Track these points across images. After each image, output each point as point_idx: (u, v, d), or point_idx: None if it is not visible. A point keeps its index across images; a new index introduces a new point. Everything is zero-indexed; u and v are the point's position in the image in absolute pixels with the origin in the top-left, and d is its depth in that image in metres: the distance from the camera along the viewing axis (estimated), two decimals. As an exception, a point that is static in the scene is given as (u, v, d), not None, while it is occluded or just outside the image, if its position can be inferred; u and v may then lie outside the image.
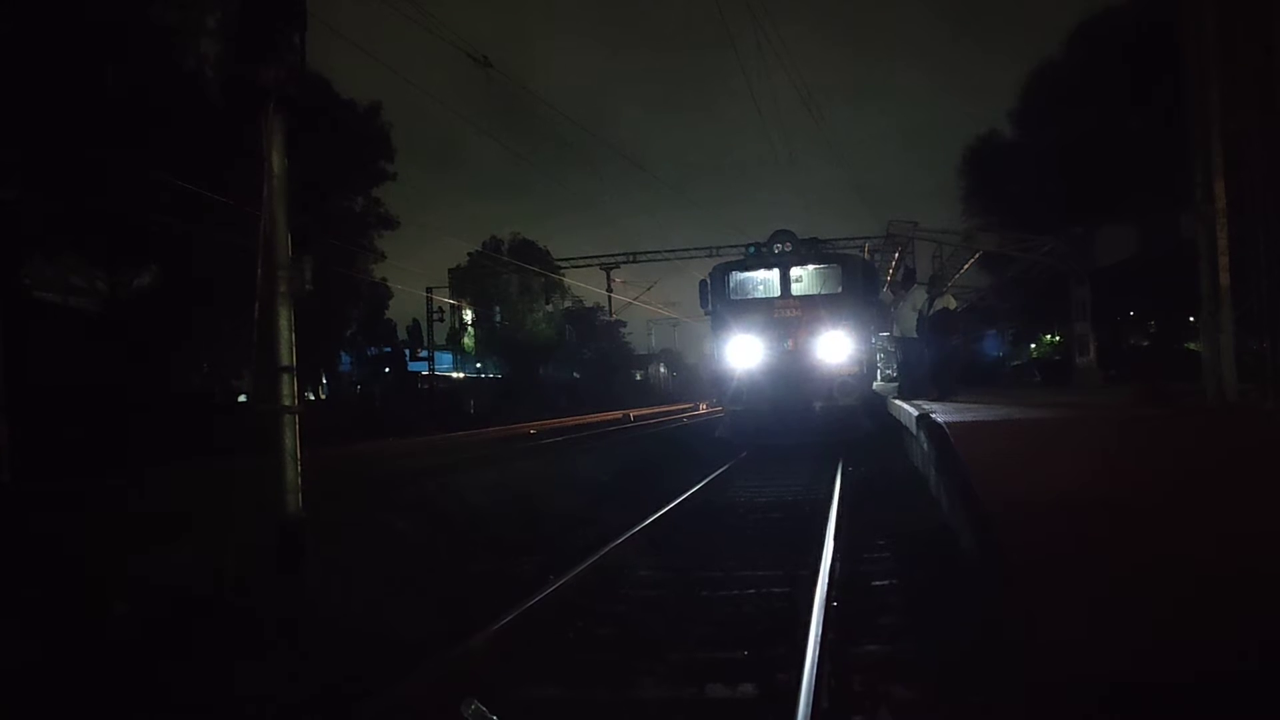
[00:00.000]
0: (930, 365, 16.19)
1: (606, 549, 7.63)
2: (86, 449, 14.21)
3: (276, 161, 6.56)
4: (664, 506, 9.97)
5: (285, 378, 6.59)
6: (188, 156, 19.47)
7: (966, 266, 32.70)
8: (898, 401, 15.04)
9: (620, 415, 34.27)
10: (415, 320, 48.31)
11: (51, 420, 15.11)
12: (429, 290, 49.75)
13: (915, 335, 15.96)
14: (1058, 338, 41.92)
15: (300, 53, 6.62)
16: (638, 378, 73.80)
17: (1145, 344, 39.54)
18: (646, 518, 9.20)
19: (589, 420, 31.25)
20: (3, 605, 5.66)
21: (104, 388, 17.10)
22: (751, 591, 6.63)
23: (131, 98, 18.62)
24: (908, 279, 17.48)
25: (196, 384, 22.77)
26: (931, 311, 15.64)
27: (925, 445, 10.37)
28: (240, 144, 7.09)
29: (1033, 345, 50.45)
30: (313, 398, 36.12)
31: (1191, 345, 27.27)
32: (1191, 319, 24.72)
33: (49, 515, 10.56)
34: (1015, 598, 3.98)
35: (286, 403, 6.58)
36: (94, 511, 11.12)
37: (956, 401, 14.36)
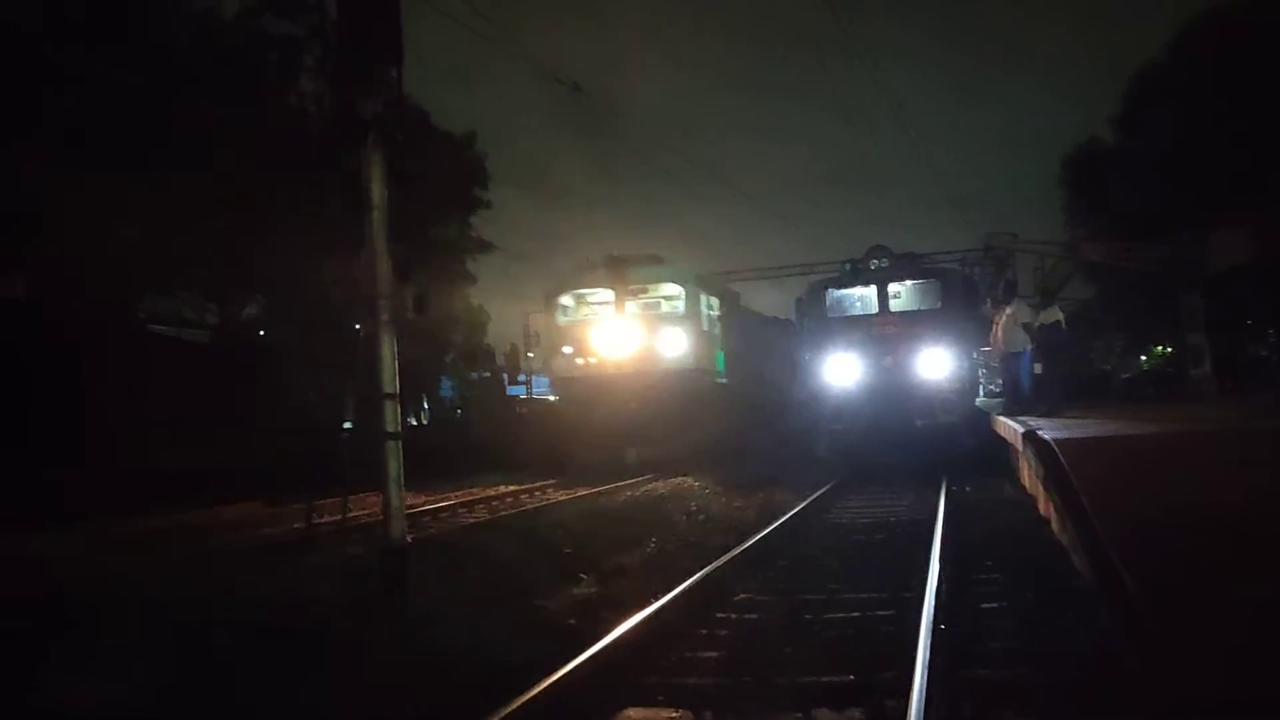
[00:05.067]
0: (1036, 380, 15.77)
1: (706, 570, 7.57)
2: (203, 478, 14.70)
3: (376, 192, 6.72)
4: (766, 527, 9.89)
5: (388, 404, 6.72)
6: (292, 190, 20.08)
7: (1070, 278, 31.82)
8: (1002, 418, 14.66)
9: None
10: (513, 344, 48.88)
11: (169, 449, 15.65)
12: (527, 315, 50.34)
13: (1019, 350, 15.56)
14: (1169, 349, 40.44)
15: (398, 86, 6.78)
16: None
17: (1264, 353, 37.86)
18: (748, 538, 9.12)
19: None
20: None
21: (220, 417, 17.67)
22: (856, 615, 6.49)
23: (239, 134, 19.30)
24: (1009, 292, 17.08)
25: (303, 411, 23.39)
26: (1037, 325, 15.21)
27: (1032, 463, 10.08)
28: (341, 177, 7.26)
29: (1143, 357, 48.77)
30: (415, 423, 36.79)
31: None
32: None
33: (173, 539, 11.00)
34: (1134, 624, 3.82)
35: (389, 428, 6.70)
36: (208, 537, 11.54)
37: (1064, 418, 13.91)
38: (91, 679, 5.17)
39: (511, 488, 17.17)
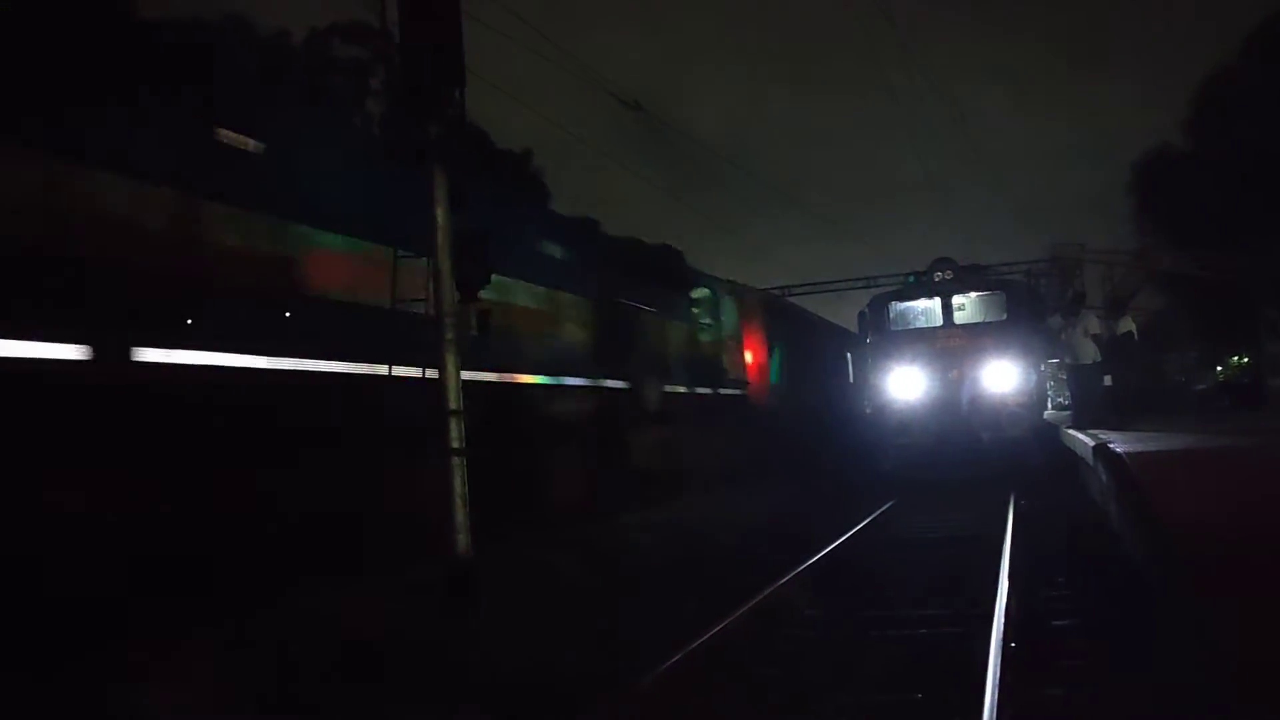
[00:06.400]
0: (1107, 393, 15.45)
1: (770, 588, 7.53)
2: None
3: (440, 214, 6.81)
4: (832, 543, 9.83)
5: (453, 421, 6.79)
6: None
7: (1141, 289, 31.10)
8: (1071, 431, 14.39)
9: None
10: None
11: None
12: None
13: (1087, 362, 15.27)
14: (1246, 359, 39.38)
15: (460, 109, 6.88)
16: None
17: (1347, 363, 36.67)
18: (815, 554, 9.07)
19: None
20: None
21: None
22: (923, 631, 6.42)
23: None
24: (1076, 303, 16.79)
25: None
26: (1108, 336, 14.93)
27: (1103, 478, 9.88)
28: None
29: (1219, 368, 47.50)
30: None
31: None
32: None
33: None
34: (1211, 643, 3.73)
35: (455, 445, 6.78)
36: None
37: (1136, 430, 13.61)
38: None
39: None
